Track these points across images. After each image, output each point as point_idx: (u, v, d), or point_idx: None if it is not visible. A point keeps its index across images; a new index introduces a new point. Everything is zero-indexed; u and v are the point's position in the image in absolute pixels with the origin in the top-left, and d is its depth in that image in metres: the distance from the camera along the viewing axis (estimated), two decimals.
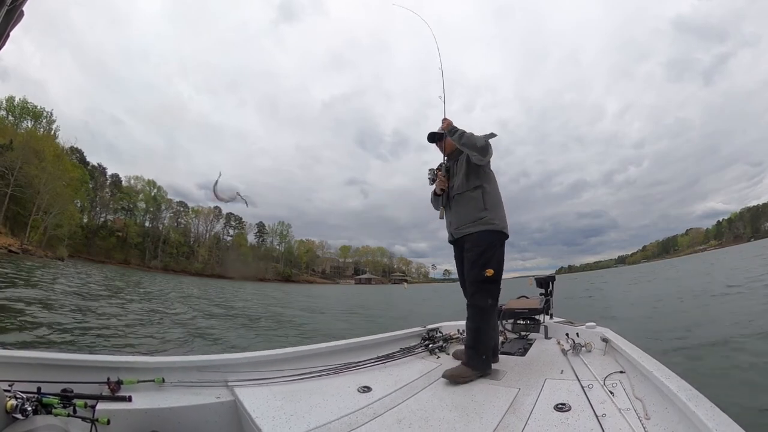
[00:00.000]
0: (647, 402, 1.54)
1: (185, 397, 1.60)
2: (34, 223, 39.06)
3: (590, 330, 2.70)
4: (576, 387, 1.82)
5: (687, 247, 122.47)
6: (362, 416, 1.59)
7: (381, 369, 2.28)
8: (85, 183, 55.42)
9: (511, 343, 2.96)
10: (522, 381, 2.02)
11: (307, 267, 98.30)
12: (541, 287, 3.72)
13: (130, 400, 1.46)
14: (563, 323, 3.22)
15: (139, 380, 1.57)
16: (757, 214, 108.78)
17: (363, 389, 1.88)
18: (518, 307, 3.40)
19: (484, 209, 2.32)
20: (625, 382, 1.81)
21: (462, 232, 2.37)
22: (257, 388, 1.78)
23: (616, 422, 1.41)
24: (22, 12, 0.98)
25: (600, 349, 2.43)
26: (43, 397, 1.24)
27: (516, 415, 1.58)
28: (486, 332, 2.23)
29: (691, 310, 8.67)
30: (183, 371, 1.72)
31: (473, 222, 2.32)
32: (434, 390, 1.95)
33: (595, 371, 2.02)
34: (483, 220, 2.30)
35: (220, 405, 1.62)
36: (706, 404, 1.25)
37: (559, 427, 1.44)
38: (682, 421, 1.29)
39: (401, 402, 1.76)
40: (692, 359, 4.54)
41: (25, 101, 47.40)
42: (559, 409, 1.59)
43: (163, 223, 76.40)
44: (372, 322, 11.98)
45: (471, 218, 2.33)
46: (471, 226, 2.32)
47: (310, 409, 1.61)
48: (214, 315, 11.31)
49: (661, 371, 1.60)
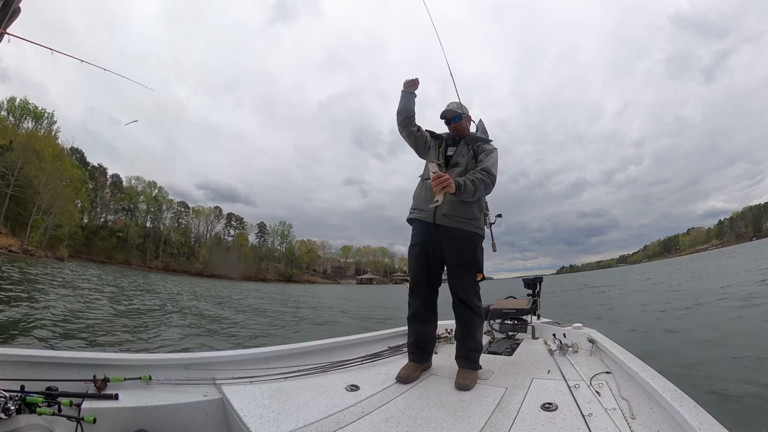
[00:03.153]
0: (633, 402, 1.55)
1: (172, 395, 1.60)
2: (35, 223, 39.07)
3: (577, 331, 2.72)
4: (563, 387, 1.83)
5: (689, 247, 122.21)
6: (350, 415, 1.59)
7: (369, 368, 2.28)
8: (85, 183, 55.46)
9: (499, 343, 2.97)
10: (509, 380, 2.02)
11: (308, 267, 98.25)
12: (528, 288, 3.75)
13: (117, 398, 1.45)
14: (550, 324, 3.23)
15: (126, 378, 1.57)
16: (759, 213, 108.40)
17: (351, 388, 1.88)
18: (506, 308, 3.42)
19: (480, 210, 2.28)
20: (611, 383, 1.82)
21: (452, 224, 2.16)
22: (245, 387, 1.78)
23: (603, 422, 1.43)
24: (18, 9, 0.99)
25: (586, 349, 2.45)
26: (26, 395, 1.22)
27: (503, 414, 1.59)
28: (481, 332, 2.25)
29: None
30: (170, 369, 1.73)
31: (469, 219, 2.19)
32: (422, 389, 1.96)
33: (581, 371, 2.03)
34: (477, 221, 2.24)
35: (207, 403, 1.62)
36: (690, 404, 1.27)
37: (546, 426, 1.45)
38: (667, 420, 1.31)
39: (389, 401, 1.77)
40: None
41: (25, 102, 47.51)
42: (546, 408, 1.60)
43: (164, 223, 76.49)
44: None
45: (468, 214, 2.18)
46: (465, 223, 2.18)
47: (297, 408, 1.61)
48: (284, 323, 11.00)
49: (647, 372, 1.63)
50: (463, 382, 1.95)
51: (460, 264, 2.19)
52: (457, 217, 2.17)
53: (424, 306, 2.27)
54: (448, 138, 2.40)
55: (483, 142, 2.33)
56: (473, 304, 2.19)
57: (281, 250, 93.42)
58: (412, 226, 2.34)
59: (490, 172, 2.14)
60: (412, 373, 2.10)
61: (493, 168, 2.17)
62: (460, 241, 2.18)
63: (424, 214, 2.23)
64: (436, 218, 2.18)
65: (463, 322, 2.22)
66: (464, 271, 2.19)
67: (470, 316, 2.20)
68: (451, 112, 2.34)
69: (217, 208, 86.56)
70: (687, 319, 7.63)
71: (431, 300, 2.29)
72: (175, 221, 78.67)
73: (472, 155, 2.25)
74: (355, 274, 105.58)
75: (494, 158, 2.23)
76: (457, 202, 2.14)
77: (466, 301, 2.19)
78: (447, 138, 2.40)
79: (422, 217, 2.24)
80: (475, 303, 2.20)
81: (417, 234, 2.28)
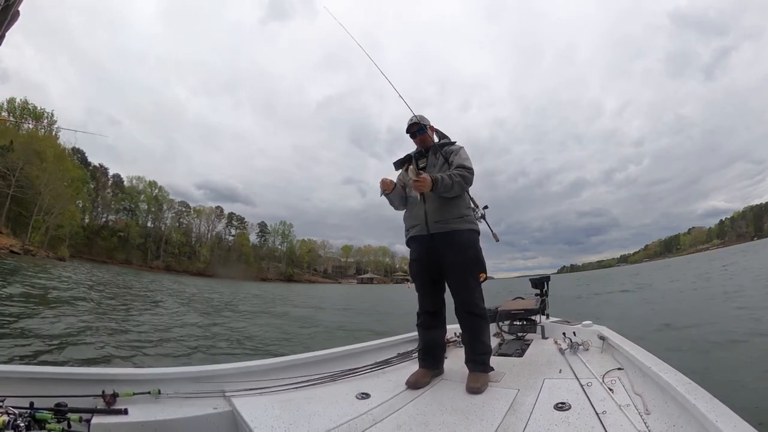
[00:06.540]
0: (647, 397, 1.54)
1: (182, 408, 1.59)
2: (36, 223, 39.16)
3: (587, 328, 2.70)
4: (575, 385, 1.82)
5: (690, 246, 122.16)
6: (362, 423, 1.57)
7: (379, 375, 2.26)
8: (86, 183, 55.56)
9: (509, 345, 2.94)
10: (521, 382, 2.00)
11: (308, 267, 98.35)
12: (536, 288, 3.72)
13: (126, 413, 1.44)
14: (560, 323, 3.21)
15: (135, 392, 1.55)
16: (760, 212, 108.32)
17: (361, 396, 1.86)
18: (514, 308, 3.38)
19: (468, 207, 2.27)
20: (624, 379, 1.81)
21: (446, 228, 2.15)
22: (255, 398, 1.76)
23: (617, 419, 1.41)
24: (17, 12, 0.96)
25: (597, 347, 2.43)
26: (36, 412, 1.21)
27: (516, 416, 1.57)
28: (489, 334, 2.25)
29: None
30: (179, 382, 1.71)
31: (459, 218, 2.18)
32: (433, 394, 1.94)
33: (593, 369, 2.02)
34: (468, 218, 2.23)
35: (217, 416, 1.60)
36: (705, 396, 1.25)
37: (560, 426, 1.43)
38: (683, 414, 1.29)
39: (400, 407, 1.75)
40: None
41: (25, 102, 47.59)
42: (559, 408, 1.58)
43: (165, 223, 76.63)
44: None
45: (457, 213, 2.18)
46: (458, 222, 2.16)
47: (308, 418, 1.59)
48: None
49: (659, 366, 1.60)
50: (475, 386, 1.94)
51: (463, 268, 2.17)
52: (449, 219, 2.17)
53: (432, 315, 2.30)
54: (416, 153, 2.44)
55: (448, 145, 2.40)
56: (478, 308, 2.18)
57: (282, 250, 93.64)
58: (410, 247, 2.36)
59: (465, 166, 2.19)
60: (422, 379, 2.08)
61: (467, 162, 2.22)
62: (458, 244, 2.16)
63: (417, 228, 2.25)
64: (429, 228, 2.19)
65: (469, 327, 2.20)
66: (468, 273, 2.17)
67: (476, 321, 2.18)
68: (416, 125, 2.38)
69: (218, 207, 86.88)
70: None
71: (438, 308, 2.31)
72: (176, 221, 78.90)
73: (443, 161, 2.30)
74: (355, 273, 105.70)
75: (464, 154, 2.29)
76: (442, 206, 2.17)
77: (471, 307, 2.16)
78: (415, 154, 2.44)
79: (417, 232, 2.25)
80: (480, 306, 2.19)
81: (415, 249, 2.31)
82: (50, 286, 12.96)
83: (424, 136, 2.40)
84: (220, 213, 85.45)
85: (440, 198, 2.17)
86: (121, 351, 5.20)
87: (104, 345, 5.31)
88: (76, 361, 4.41)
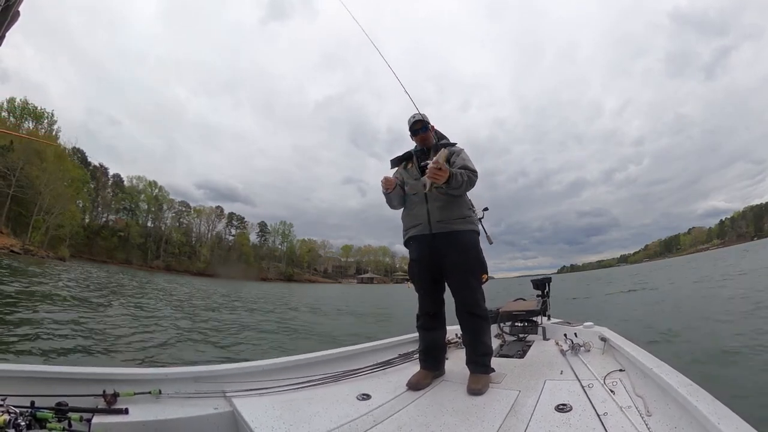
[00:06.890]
0: (648, 399, 1.53)
1: (183, 408, 1.59)
2: (36, 223, 39.16)
3: (588, 329, 2.70)
4: (576, 387, 1.82)
5: (690, 246, 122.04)
6: (362, 424, 1.57)
7: (380, 376, 2.26)
8: (86, 183, 55.51)
9: (510, 346, 2.94)
10: (522, 383, 2.00)
11: (309, 266, 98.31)
12: (537, 289, 3.72)
13: (127, 413, 1.44)
14: (561, 324, 3.21)
15: (136, 392, 1.55)
16: (760, 212, 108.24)
17: (362, 396, 1.86)
18: (515, 310, 3.38)
19: (468, 208, 2.28)
20: (625, 380, 1.81)
21: (448, 228, 2.14)
22: (255, 398, 1.76)
23: (618, 420, 1.41)
24: (18, 12, 0.96)
25: (599, 348, 2.43)
26: (36, 411, 1.21)
27: (517, 418, 1.57)
28: (490, 335, 2.25)
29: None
30: (180, 382, 1.71)
31: (462, 219, 2.18)
32: (434, 395, 1.94)
33: (594, 370, 2.01)
34: (470, 219, 2.24)
35: (218, 416, 1.60)
36: (707, 398, 1.25)
37: (561, 428, 1.43)
38: (684, 416, 1.29)
39: (401, 408, 1.75)
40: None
41: (25, 102, 47.52)
42: (560, 409, 1.58)
43: (165, 223, 76.59)
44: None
45: (459, 214, 2.18)
46: (460, 223, 2.16)
47: (309, 418, 1.59)
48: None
49: (661, 368, 1.60)
50: (476, 387, 1.93)
51: (465, 268, 2.16)
52: (452, 219, 2.17)
53: (432, 316, 2.29)
54: (417, 151, 2.42)
55: (449, 145, 2.38)
56: (480, 309, 2.17)
57: (282, 250, 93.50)
58: (409, 247, 2.33)
59: (470, 168, 2.17)
60: (423, 380, 2.08)
61: (470, 164, 2.21)
62: (461, 244, 2.16)
63: (419, 227, 2.22)
64: (432, 228, 2.17)
65: (470, 328, 2.19)
66: (470, 274, 2.17)
67: (477, 322, 2.17)
68: (420, 123, 2.37)
69: (218, 207, 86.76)
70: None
71: (438, 309, 2.30)
72: (176, 221, 78.85)
73: (444, 155, 2.29)
74: (355, 273, 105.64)
75: (466, 156, 2.28)
76: (445, 206, 2.17)
77: (472, 308, 2.16)
78: (416, 151, 2.42)
79: (419, 232, 2.22)
80: (481, 307, 2.18)
81: (415, 249, 2.27)
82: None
83: (426, 135, 2.38)
84: (220, 213, 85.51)
85: (443, 198, 2.16)
86: (120, 348, 5.21)
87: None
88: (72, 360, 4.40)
